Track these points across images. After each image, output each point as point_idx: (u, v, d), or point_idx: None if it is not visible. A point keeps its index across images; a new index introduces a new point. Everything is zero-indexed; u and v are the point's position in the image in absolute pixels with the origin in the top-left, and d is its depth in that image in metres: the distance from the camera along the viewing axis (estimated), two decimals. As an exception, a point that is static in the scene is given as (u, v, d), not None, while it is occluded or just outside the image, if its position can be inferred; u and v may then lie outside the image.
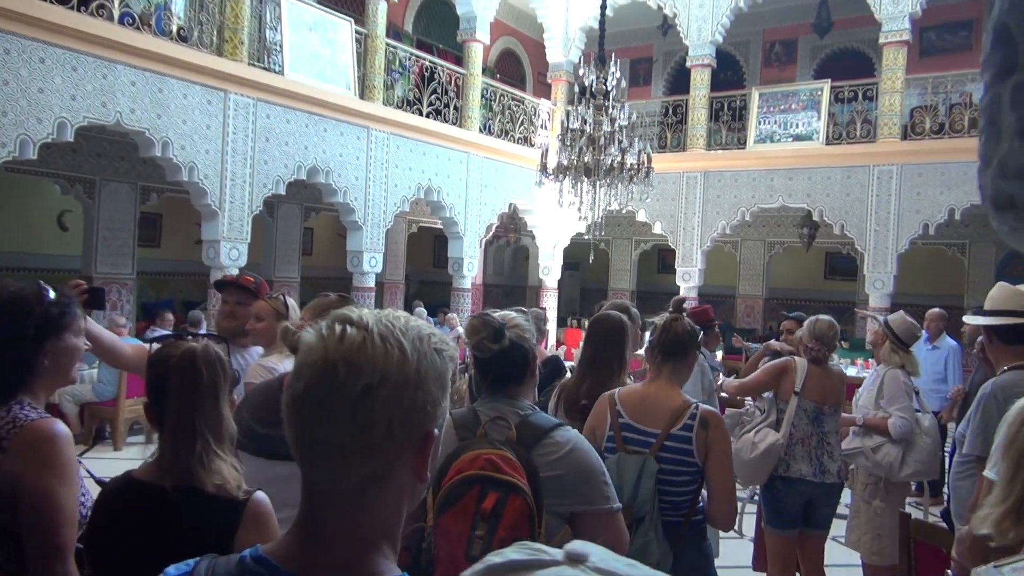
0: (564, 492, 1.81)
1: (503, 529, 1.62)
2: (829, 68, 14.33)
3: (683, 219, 12.12)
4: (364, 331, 0.82)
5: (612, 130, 7.93)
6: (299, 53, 8.72)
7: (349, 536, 0.84)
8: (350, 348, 0.81)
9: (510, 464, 1.70)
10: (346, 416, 0.80)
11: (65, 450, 1.70)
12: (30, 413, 1.71)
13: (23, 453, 1.64)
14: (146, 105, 7.21)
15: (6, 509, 1.63)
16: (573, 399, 2.90)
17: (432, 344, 0.85)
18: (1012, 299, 2.29)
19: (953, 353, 6.86)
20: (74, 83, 6.66)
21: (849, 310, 14.46)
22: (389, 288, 14.20)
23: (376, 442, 0.80)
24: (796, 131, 11.33)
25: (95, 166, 10.30)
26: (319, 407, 0.80)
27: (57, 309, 1.83)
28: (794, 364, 3.64)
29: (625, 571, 0.56)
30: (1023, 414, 1.64)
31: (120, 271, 10.66)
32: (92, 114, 6.81)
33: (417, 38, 13.64)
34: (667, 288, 14.41)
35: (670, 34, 14.47)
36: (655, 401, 2.54)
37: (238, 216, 8.10)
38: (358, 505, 0.84)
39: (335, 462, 0.82)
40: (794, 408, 3.51)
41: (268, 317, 2.99)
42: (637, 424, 2.51)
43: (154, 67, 7.23)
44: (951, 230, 11.72)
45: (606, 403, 2.60)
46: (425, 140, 10.45)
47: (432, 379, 0.84)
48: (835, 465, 3.57)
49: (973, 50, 13.33)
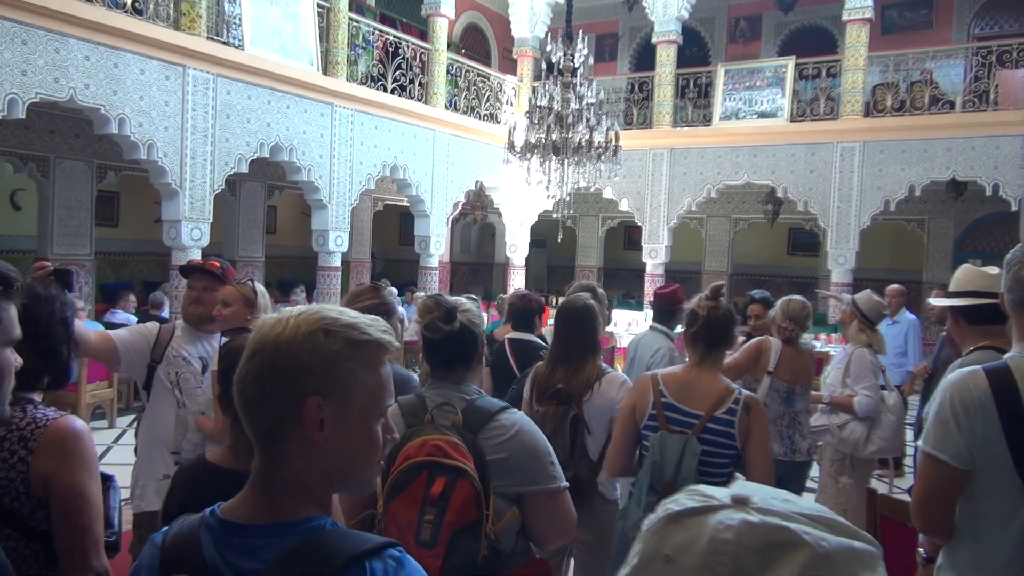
0: (511, 473, 1.85)
1: (451, 513, 1.66)
2: (793, 45, 14.42)
3: (650, 196, 12.15)
4: (277, 317, 1.04)
5: (580, 108, 7.88)
6: (260, 27, 8.49)
7: (267, 483, 1.03)
8: (258, 328, 1.04)
9: (457, 449, 1.73)
10: (238, 379, 1.03)
11: (90, 445, 1.73)
12: (47, 412, 1.72)
13: (52, 452, 1.65)
14: (101, 80, 6.98)
15: (38, 508, 1.65)
16: (545, 386, 2.89)
17: (318, 324, 1.00)
18: (976, 280, 2.33)
19: (913, 327, 7.02)
20: (24, 57, 6.41)
21: (812, 285, 14.73)
22: (355, 267, 14.06)
23: (256, 400, 1.01)
24: (761, 108, 11.39)
25: (48, 143, 9.97)
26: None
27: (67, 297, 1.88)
28: (768, 344, 3.69)
29: (783, 507, 0.60)
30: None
31: (77, 252, 10.38)
32: (44, 90, 6.57)
33: (380, 12, 13.39)
34: (634, 264, 14.51)
35: (636, 9, 14.42)
36: (699, 384, 2.60)
37: (199, 195, 7.91)
38: (267, 457, 1.03)
39: (243, 416, 1.04)
40: (766, 388, 3.56)
41: (236, 303, 2.92)
42: (680, 404, 2.58)
43: (108, 41, 6.99)
44: (911, 206, 11.93)
45: (648, 382, 2.67)
46: (390, 117, 10.30)
47: (304, 350, 0.99)
48: (805, 443, 3.63)
49: (934, 28, 13.53)
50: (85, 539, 1.67)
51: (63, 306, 1.81)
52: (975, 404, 1.77)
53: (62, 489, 1.65)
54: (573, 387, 2.86)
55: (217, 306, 2.96)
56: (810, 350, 3.85)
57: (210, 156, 7.98)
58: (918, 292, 12.74)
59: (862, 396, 3.78)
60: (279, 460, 1.02)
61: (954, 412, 1.80)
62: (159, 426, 3.04)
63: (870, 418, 3.79)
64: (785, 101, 11.16)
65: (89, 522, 1.68)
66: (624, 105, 12.87)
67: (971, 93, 10.29)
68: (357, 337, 1.01)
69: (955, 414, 1.79)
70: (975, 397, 1.77)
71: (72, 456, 1.68)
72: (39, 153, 9.93)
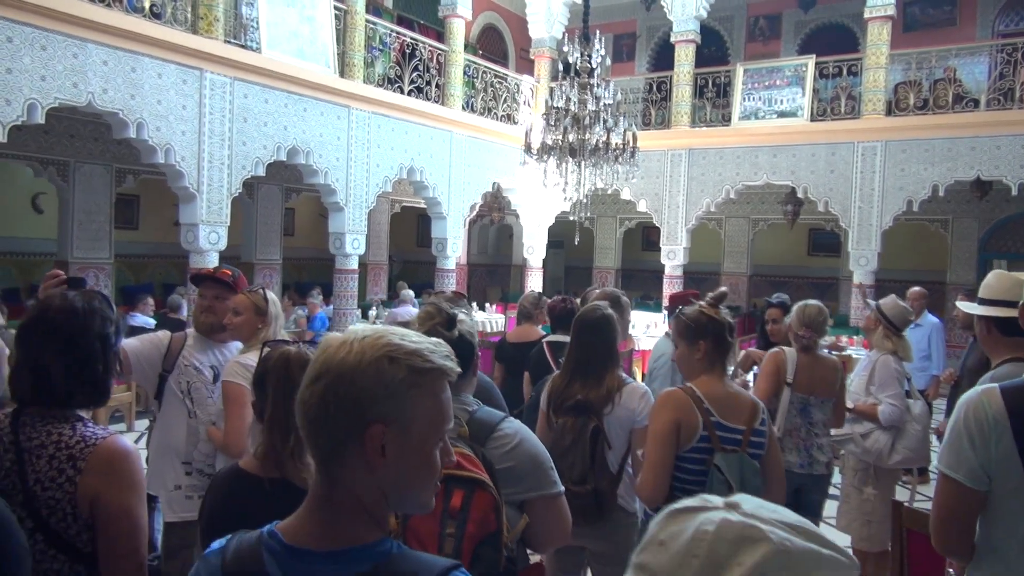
0: (518, 480, 1.89)
1: (472, 525, 1.65)
2: (813, 43, 14.25)
3: (668, 197, 12.05)
4: (342, 339, 1.04)
5: (597, 109, 7.81)
6: (277, 30, 8.51)
7: (326, 503, 1.04)
8: (322, 349, 1.05)
9: (470, 460, 1.73)
10: (302, 401, 1.03)
11: (138, 466, 1.72)
12: (96, 431, 1.70)
13: (101, 472, 1.63)
14: (119, 85, 7.01)
15: (84, 529, 1.62)
16: (563, 398, 2.83)
17: (383, 351, 1.01)
18: (1012, 288, 2.21)
19: (936, 330, 6.89)
20: (44, 63, 6.45)
21: (833, 287, 14.55)
22: (372, 270, 14.06)
23: (319, 422, 1.01)
24: (780, 107, 11.25)
25: (68, 148, 10.06)
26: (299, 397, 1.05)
27: (115, 313, 1.87)
28: (784, 355, 3.58)
29: (769, 515, 0.70)
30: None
31: (97, 255, 10.45)
32: (63, 95, 6.61)
33: (397, 13, 13.38)
34: (652, 266, 14.40)
35: (653, 8, 14.30)
36: (732, 398, 2.50)
37: (216, 199, 7.93)
38: (326, 477, 1.03)
39: (304, 436, 1.05)
40: (787, 400, 3.47)
41: (247, 311, 2.90)
42: (724, 422, 2.44)
43: (126, 45, 7.02)
44: (934, 205, 11.74)
45: (687, 400, 2.44)
46: (407, 119, 10.28)
47: (368, 377, 0.99)
48: (824, 456, 3.53)
49: (957, 25, 13.31)
50: (131, 562, 1.65)
51: (104, 322, 1.77)
52: (989, 423, 1.70)
53: (109, 511, 1.62)
54: (593, 399, 2.79)
55: (228, 314, 2.94)
56: (830, 359, 3.71)
57: (227, 159, 8.00)
58: (942, 293, 12.54)
59: (886, 405, 3.68)
60: (339, 481, 1.03)
61: (968, 431, 1.73)
62: (170, 436, 3.02)
63: (895, 427, 3.69)
64: (805, 100, 11.02)
65: (137, 545, 1.66)
66: (642, 105, 12.78)
67: (996, 91, 10.10)
68: (420, 365, 1.02)
69: (969, 433, 1.73)
70: (990, 416, 1.70)
71: (120, 477, 1.65)
72: (59, 157, 10.02)
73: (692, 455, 2.39)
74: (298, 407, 1.04)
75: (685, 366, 2.60)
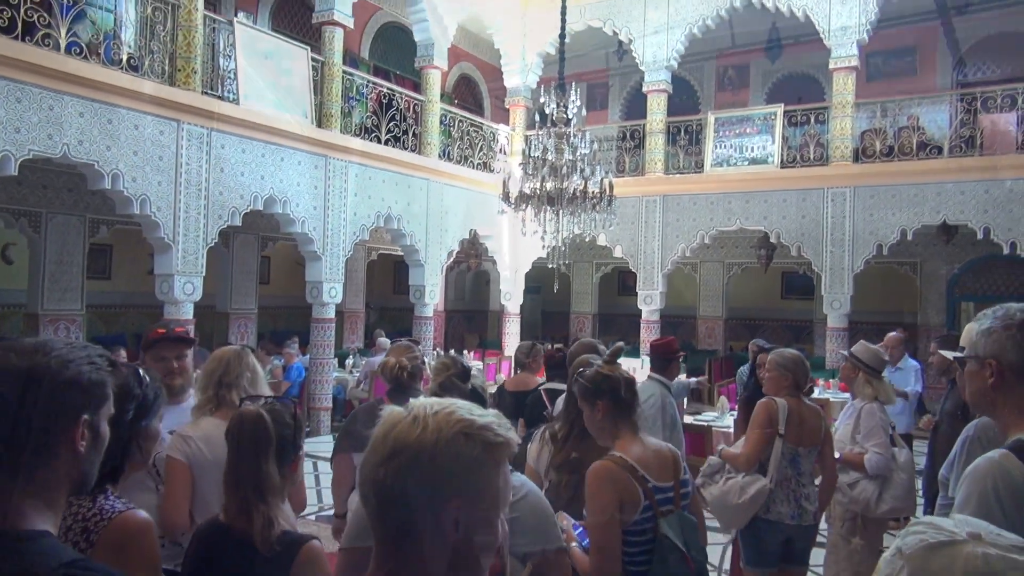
0: (523, 532, 1.89)
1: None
2: (780, 92, 14.64)
3: (643, 243, 12.18)
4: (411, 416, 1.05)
5: (574, 159, 7.92)
6: (254, 82, 8.56)
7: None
8: (390, 424, 1.06)
9: None
10: (375, 480, 1.04)
11: (154, 543, 1.69)
12: (116, 504, 1.68)
13: (113, 549, 1.60)
14: (95, 136, 6.98)
15: None
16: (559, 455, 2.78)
17: (458, 427, 1.02)
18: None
19: (916, 374, 7.03)
20: (18, 115, 6.41)
21: (807, 329, 14.69)
22: (349, 318, 13.96)
23: (393, 501, 1.03)
24: (752, 155, 11.50)
25: (41, 198, 9.94)
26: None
27: (151, 392, 1.90)
28: (775, 405, 3.57)
29: (1003, 542, 0.83)
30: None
31: (68, 306, 10.26)
32: (37, 146, 6.56)
33: (374, 64, 13.54)
34: (629, 310, 14.46)
35: (625, 58, 14.62)
36: (656, 455, 2.39)
37: (192, 249, 7.87)
38: (398, 554, 1.05)
39: (371, 514, 1.07)
40: (779, 451, 3.46)
41: (184, 355, 3.01)
42: (659, 484, 2.34)
43: (103, 97, 7.01)
44: (903, 248, 11.98)
45: (619, 471, 2.30)
46: (384, 168, 10.34)
47: (449, 455, 1.01)
48: (812, 507, 3.52)
49: (916, 74, 13.78)
50: None
51: (124, 399, 1.79)
52: (1021, 489, 1.67)
53: None
54: (589, 458, 2.75)
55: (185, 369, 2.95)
56: (813, 406, 3.68)
57: (203, 210, 7.96)
58: (914, 333, 12.72)
59: (872, 454, 3.69)
60: (409, 560, 1.04)
61: (1000, 502, 1.67)
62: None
63: (881, 476, 3.70)
64: (775, 147, 11.28)
65: None
66: (616, 153, 12.98)
67: (958, 138, 10.42)
68: (492, 440, 1.04)
69: (1001, 504, 1.67)
70: (1018, 482, 1.67)
71: (133, 555, 1.62)
72: (31, 208, 9.89)
73: (634, 528, 2.29)
74: (369, 486, 1.04)
75: (595, 430, 2.47)
